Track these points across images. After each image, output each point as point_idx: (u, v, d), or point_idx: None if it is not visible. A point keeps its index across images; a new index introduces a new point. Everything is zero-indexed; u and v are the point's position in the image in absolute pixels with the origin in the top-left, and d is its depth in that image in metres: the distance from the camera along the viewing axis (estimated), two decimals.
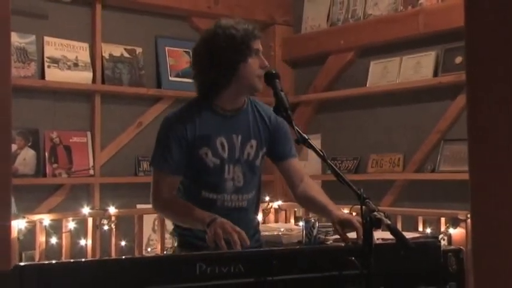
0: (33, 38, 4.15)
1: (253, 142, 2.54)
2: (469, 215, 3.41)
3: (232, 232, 2.20)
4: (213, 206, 2.46)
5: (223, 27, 2.48)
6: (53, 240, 3.73)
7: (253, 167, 2.55)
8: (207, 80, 2.52)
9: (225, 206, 2.48)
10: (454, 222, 3.61)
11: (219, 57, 2.45)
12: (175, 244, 2.59)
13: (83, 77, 4.30)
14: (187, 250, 2.46)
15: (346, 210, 3.96)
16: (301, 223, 2.87)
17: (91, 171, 4.32)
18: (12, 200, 1.76)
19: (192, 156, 2.47)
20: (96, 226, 3.86)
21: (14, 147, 3.98)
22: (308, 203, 2.62)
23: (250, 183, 2.55)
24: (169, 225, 4.25)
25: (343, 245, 2.35)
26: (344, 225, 2.34)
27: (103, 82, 4.40)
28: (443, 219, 3.69)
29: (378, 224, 1.90)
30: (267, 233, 2.88)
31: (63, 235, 3.71)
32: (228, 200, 2.50)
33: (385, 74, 4.57)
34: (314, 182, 2.67)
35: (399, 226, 3.77)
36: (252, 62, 2.47)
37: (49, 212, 4.02)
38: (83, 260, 2.02)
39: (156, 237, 4.25)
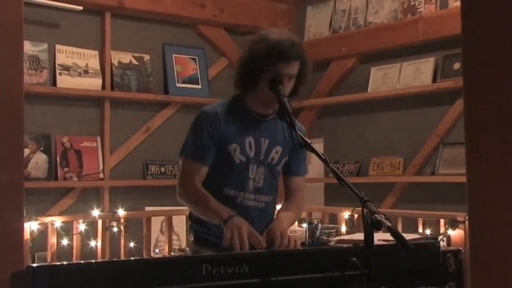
0: (45, 46, 4.23)
1: (279, 148, 2.59)
2: (467, 217, 3.43)
3: (244, 238, 2.26)
4: (233, 202, 2.50)
5: (260, 41, 2.47)
6: (64, 241, 3.77)
7: (274, 171, 2.60)
8: (235, 81, 2.58)
9: (244, 204, 2.53)
10: (453, 223, 3.64)
11: (240, 67, 2.53)
12: (192, 240, 2.64)
13: (93, 83, 4.38)
14: (203, 246, 2.53)
15: (347, 213, 4.08)
16: (304, 225, 2.95)
17: (101, 175, 4.38)
18: None
19: (220, 150, 2.50)
20: (106, 228, 3.89)
21: (26, 151, 4.04)
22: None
23: (269, 186, 2.60)
24: (176, 227, 4.34)
25: (345, 246, 2.43)
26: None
27: (112, 88, 4.47)
28: (442, 221, 3.72)
29: (378, 225, 1.94)
30: None
31: (74, 237, 3.75)
32: (248, 199, 2.54)
33: (386, 79, 4.62)
34: (297, 202, 2.68)
35: (400, 228, 3.83)
36: (261, 87, 2.47)
37: (60, 214, 4.08)
38: (93, 261, 2.06)
39: (163, 239, 4.28)
